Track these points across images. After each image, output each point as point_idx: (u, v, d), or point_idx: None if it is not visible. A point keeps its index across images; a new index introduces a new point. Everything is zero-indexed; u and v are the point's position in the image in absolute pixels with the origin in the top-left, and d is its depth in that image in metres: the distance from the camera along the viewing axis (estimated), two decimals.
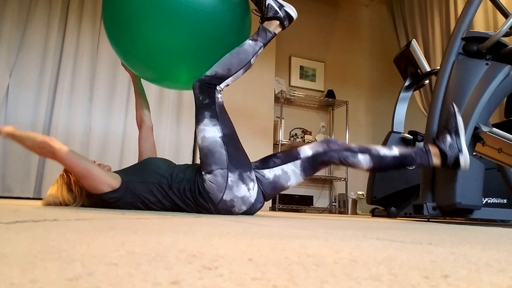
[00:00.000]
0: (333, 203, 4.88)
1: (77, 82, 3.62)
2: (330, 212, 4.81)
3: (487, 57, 2.11)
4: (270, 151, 4.24)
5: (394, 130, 3.24)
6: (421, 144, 3.06)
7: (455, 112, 1.69)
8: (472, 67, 2.06)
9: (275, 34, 1.70)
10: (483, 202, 2.75)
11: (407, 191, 3.06)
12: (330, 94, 4.95)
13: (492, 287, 0.30)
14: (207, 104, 1.59)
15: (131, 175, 1.58)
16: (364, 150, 1.59)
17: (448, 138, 1.65)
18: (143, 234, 0.58)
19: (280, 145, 4.43)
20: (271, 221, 1.21)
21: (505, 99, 2.52)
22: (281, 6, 1.69)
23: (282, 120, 4.55)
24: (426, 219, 2.49)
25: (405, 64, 3.20)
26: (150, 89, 3.86)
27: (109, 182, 1.51)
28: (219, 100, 1.62)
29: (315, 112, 5.10)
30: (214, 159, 1.52)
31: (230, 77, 1.63)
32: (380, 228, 1.11)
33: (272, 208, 4.31)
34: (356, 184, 4.95)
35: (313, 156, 1.59)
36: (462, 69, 2.09)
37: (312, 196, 4.63)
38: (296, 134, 4.81)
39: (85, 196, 1.58)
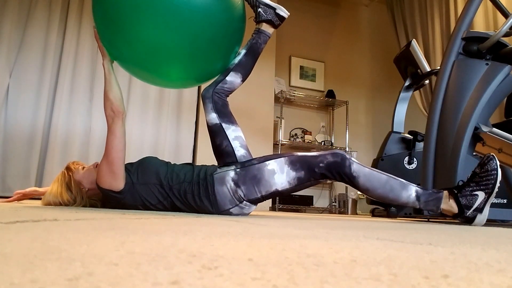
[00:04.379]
0: (333, 203, 4.88)
1: (77, 82, 3.62)
2: (330, 212, 4.81)
3: (487, 57, 2.11)
4: (270, 151, 4.24)
5: (394, 130, 3.25)
6: (421, 144, 3.06)
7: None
8: (472, 67, 2.06)
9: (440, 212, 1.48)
10: None
11: None
12: (330, 94, 4.95)
13: (492, 287, 0.30)
14: (313, 173, 1.47)
15: (132, 176, 1.57)
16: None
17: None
18: (143, 234, 0.58)
19: (280, 145, 4.43)
20: (271, 221, 1.21)
21: (505, 99, 2.52)
22: None
23: (282, 120, 4.55)
24: (426, 219, 2.49)
25: (405, 64, 3.20)
26: (151, 89, 3.86)
27: (120, 183, 1.51)
28: (318, 181, 1.52)
29: (315, 112, 5.10)
30: (252, 187, 1.49)
31: (360, 189, 1.47)
32: (380, 228, 1.11)
33: (272, 208, 4.31)
34: None
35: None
36: (462, 69, 2.09)
37: (312, 196, 4.63)
38: (296, 134, 4.81)
39: (85, 197, 1.58)
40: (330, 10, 5.45)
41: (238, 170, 1.51)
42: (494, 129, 1.96)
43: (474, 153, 2.04)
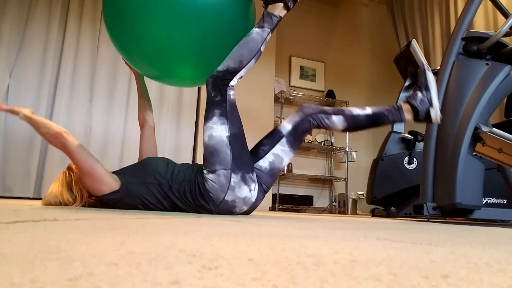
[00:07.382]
0: (333, 203, 4.88)
1: (77, 82, 3.62)
2: (330, 212, 4.81)
3: (487, 57, 2.11)
4: None
5: (394, 130, 3.24)
6: (421, 144, 3.06)
7: (424, 68, 1.66)
8: (472, 67, 2.06)
9: (280, 17, 1.69)
10: (483, 202, 2.75)
11: (407, 191, 3.06)
12: (330, 94, 4.95)
13: (492, 287, 0.30)
14: (218, 102, 1.57)
15: (131, 176, 1.57)
16: (337, 112, 1.61)
17: (419, 94, 1.64)
18: (143, 234, 0.58)
19: None
20: (271, 221, 1.21)
21: (505, 99, 2.52)
22: None
23: (282, 120, 4.55)
24: (426, 219, 2.49)
25: (405, 64, 3.20)
26: (150, 89, 3.86)
27: (111, 184, 1.51)
28: (231, 97, 1.61)
29: None
30: (219, 159, 1.52)
31: (242, 69, 1.62)
32: (380, 228, 1.11)
33: (272, 208, 4.31)
34: (356, 184, 4.95)
35: (294, 128, 1.61)
36: (462, 69, 2.09)
37: (312, 196, 4.63)
38: None
39: (85, 197, 1.58)
40: (330, 10, 5.45)
41: (202, 165, 1.57)
42: (494, 129, 1.96)
43: (474, 153, 2.04)
